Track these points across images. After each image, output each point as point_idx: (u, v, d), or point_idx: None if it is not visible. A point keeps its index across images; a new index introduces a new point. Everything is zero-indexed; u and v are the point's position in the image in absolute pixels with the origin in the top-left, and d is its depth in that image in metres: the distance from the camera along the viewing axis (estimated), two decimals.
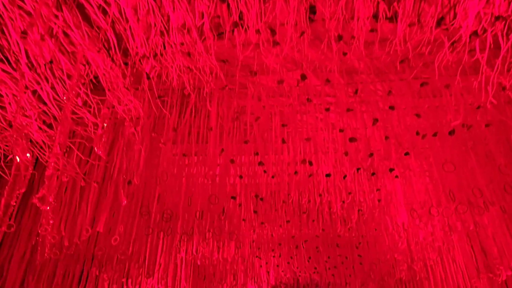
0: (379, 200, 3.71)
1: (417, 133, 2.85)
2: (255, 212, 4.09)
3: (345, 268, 5.91)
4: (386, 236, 4.01)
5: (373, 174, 3.29)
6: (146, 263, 3.76)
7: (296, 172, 3.25)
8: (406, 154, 2.82)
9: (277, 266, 5.98)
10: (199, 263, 4.72)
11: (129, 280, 4.06)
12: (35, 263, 3.39)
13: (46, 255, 2.57)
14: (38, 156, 2.73)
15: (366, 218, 4.21)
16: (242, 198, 3.78)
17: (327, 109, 2.75)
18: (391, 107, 2.90)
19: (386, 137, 2.73)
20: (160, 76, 2.92)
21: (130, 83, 2.76)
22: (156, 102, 2.88)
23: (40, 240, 2.56)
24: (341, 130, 2.69)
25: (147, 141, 2.90)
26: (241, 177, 3.39)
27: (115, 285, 4.09)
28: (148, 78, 2.78)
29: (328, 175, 3.13)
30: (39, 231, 2.55)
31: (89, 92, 2.55)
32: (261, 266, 5.96)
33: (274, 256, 5.58)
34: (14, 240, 3.21)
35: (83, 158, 2.69)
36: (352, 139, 2.65)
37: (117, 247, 2.98)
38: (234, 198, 3.63)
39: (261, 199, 3.84)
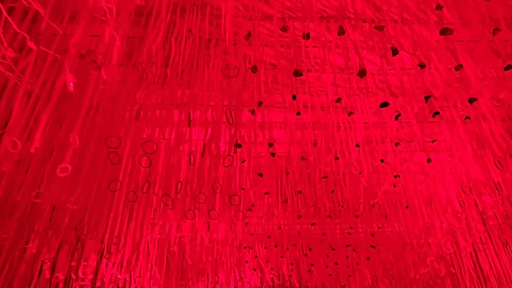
0: (428, 160, 2.83)
1: None
2: (260, 175, 3.09)
3: (346, 265, 4.96)
4: (431, 209, 3.12)
5: (436, 113, 2.41)
6: (106, 236, 2.63)
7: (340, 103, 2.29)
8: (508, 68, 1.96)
9: (267, 262, 4.93)
10: (176, 249, 3.60)
11: (82, 264, 2.88)
12: None
13: None
14: None
15: (399, 189, 3.33)
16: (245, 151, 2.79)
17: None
18: None
19: None
20: None
21: None
22: None
23: None
24: None
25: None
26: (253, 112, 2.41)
27: (60, 272, 2.92)
28: None
29: (384, 105, 2.20)
30: None
31: None
32: (246, 261, 4.89)
33: (266, 248, 4.56)
34: None
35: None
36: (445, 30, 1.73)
37: (66, 181, 1.86)
38: (239, 146, 2.61)
39: (272, 154, 2.86)
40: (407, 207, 3.42)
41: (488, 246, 3.42)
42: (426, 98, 2.23)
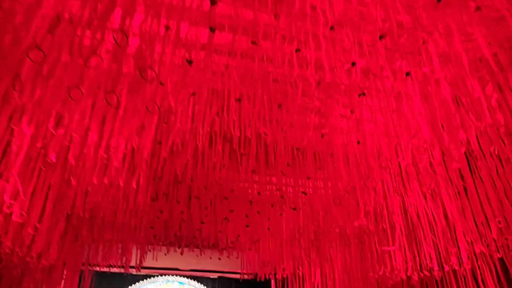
0: (407, 74, 2.23)
1: None
2: (189, 62, 2.22)
3: (268, 218, 4.33)
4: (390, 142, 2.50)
5: None
6: None
7: None
8: None
9: (178, 202, 4.06)
10: (53, 159, 2.58)
11: None
12: None
13: None
14: None
15: (355, 117, 2.71)
16: None
17: None
18: None
19: None
20: None
21: None
22: None
23: None
24: None
25: None
26: None
27: None
28: None
29: None
30: None
31: None
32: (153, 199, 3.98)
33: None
34: None
35: None
36: None
37: None
38: None
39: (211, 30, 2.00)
40: (358, 142, 2.84)
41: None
42: None
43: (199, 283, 8.53)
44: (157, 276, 8.42)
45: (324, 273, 4.69)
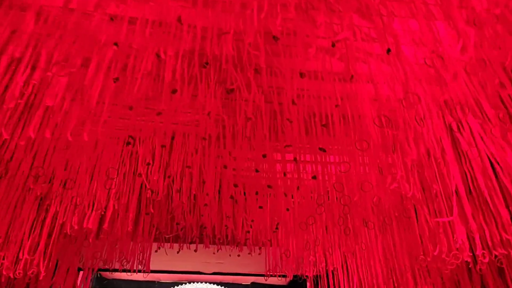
0: None
1: None
2: None
3: (285, 193, 3.48)
4: None
5: None
6: None
7: None
8: None
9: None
10: None
11: None
12: None
13: None
14: None
15: None
16: None
17: None
18: None
19: None
20: None
21: None
22: None
23: None
24: None
25: None
26: None
27: None
28: None
29: None
30: None
31: None
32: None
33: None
34: None
35: None
36: None
37: None
38: None
39: None
40: (388, 50, 1.93)
41: None
42: None
43: None
44: (185, 283, 7.89)
45: (362, 263, 3.74)
